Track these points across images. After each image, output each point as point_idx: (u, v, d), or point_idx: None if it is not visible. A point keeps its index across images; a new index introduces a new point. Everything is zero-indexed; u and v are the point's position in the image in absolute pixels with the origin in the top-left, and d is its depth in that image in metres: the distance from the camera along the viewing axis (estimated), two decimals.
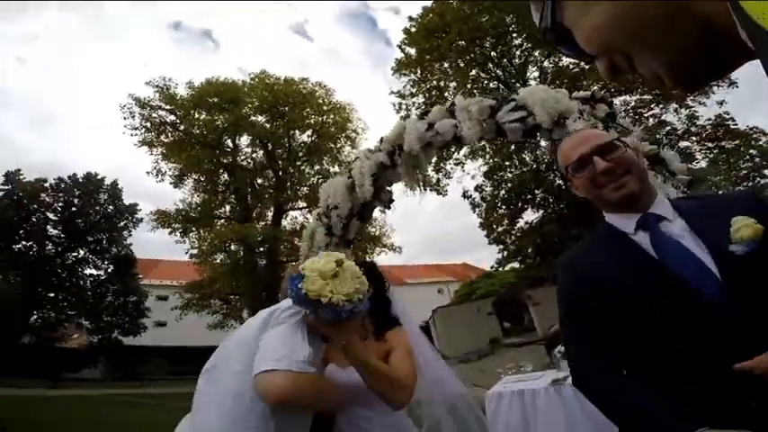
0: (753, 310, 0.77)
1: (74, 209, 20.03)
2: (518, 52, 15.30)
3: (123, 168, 56.23)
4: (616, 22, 0.35)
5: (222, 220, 20.00)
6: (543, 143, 14.67)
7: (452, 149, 14.02)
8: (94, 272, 21.26)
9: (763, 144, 12.90)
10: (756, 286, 0.78)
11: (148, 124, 19.00)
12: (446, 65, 15.43)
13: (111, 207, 20.51)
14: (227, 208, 20.67)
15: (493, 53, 14.96)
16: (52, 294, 19.86)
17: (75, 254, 20.70)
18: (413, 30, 15.51)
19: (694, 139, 13.27)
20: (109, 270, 21.27)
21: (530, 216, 15.10)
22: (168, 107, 19.07)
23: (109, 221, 20.47)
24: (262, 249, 19.14)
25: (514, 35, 14.43)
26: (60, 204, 19.99)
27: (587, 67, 13.97)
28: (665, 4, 0.33)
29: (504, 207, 14.74)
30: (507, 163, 14.79)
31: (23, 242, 19.30)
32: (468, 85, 14.83)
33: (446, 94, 15.26)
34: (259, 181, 20.67)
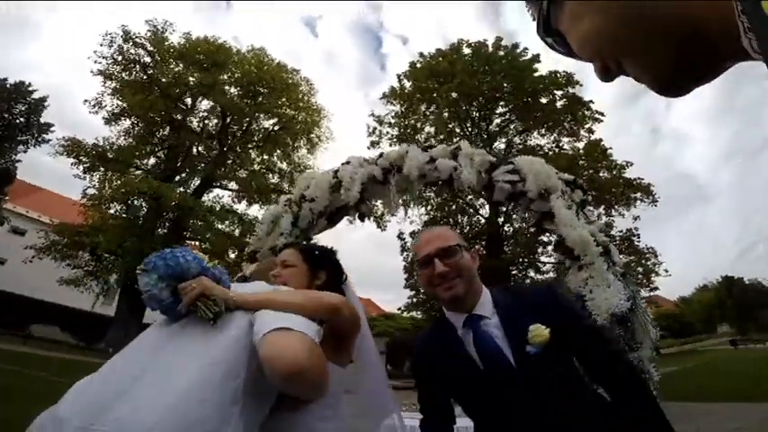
0: (539, 392, 1.03)
1: None
2: (497, 120, 16.58)
3: (66, 92, 48.46)
4: (602, 34, 0.37)
5: (139, 171, 17.92)
6: (482, 211, 15.96)
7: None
8: None
9: (649, 265, 14.28)
10: (543, 376, 1.05)
11: (120, 57, 17.50)
12: (431, 109, 16.14)
13: (22, 119, 17.35)
14: (151, 161, 18.65)
15: (476, 113, 16.03)
16: None
17: None
18: (418, 65, 16.07)
19: None
20: None
21: None
22: (150, 48, 17.78)
23: (9, 130, 17.18)
24: (171, 216, 17.34)
25: (501, 103, 15.64)
26: None
27: (550, 153, 15.60)
28: (649, 19, 0.34)
29: None
30: (445, 220, 15.64)
31: None
32: (442, 136, 15.66)
33: (418, 137, 15.93)
34: (200, 149, 19.11)
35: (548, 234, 3.80)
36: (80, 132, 31.54)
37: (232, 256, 16.05)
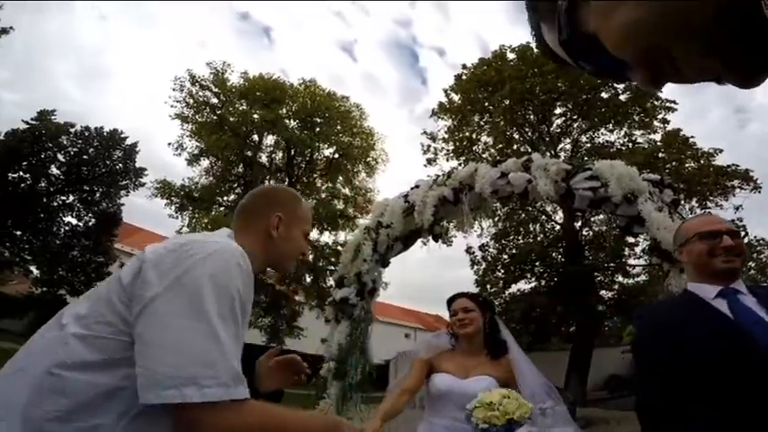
0: None
1: (85, 157, 19.49)
2: (558, 121, 15.73)
3: (145, 134, 56.25)
4: (657, 16, 0.29)
5: (222, 208, 19.81)
6: (558, 217, 15.07)
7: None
8: (74, 221, 20.39)
9: (763, 258, 12.62)
10: None
11: (191, 100, 19.57)
12: (485, 118, 15.82)
13: (120, 165, 20.18)
14: (231, 198, 20.54)
15: (533, 117, 15.42)
16: (19, 232, 18.83)
17: (64, 197, 19.98)
18: (464, 77, 15.99)
19: None
20: (90, 224, 20.46)
21: (522, 285, 15.24)
22: (216, 90, 19.70)
23: (112, 177, 20.03)
24: None
25: (559, 103, 14.92)
26: (75, 150, 19.52)
27: (623, 148, 14.46)
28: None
29: (502, 271, 14.84)
30: (520, 229, 15.06)
31: (20, 173, 18.58)
32: (501, 145, 15.23)
33: (475, 148, 15.67)
34: (272, 182, 20.71)
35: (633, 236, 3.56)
36: (160, 173, 35.48)
37: (308, 279, 18.10)
